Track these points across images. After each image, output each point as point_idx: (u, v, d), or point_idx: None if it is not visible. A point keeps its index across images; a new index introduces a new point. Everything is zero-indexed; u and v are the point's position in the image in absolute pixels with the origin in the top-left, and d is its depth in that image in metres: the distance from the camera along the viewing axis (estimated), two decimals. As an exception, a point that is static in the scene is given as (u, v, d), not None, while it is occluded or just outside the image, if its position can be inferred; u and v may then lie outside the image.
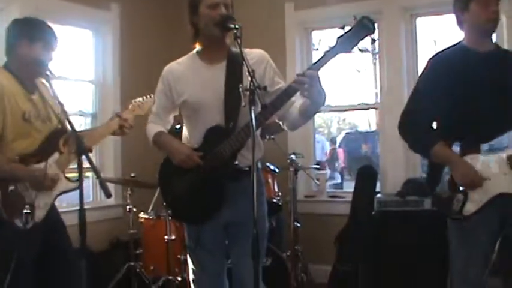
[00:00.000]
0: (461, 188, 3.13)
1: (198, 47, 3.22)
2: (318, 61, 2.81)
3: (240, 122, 3.02)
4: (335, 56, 2.78)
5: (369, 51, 6.61)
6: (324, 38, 6.80)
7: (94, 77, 6.12)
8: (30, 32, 3.32)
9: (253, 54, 3.08)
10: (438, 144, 3.17)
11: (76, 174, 3.42)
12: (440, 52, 3.43)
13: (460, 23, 3.39)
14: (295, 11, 6.35)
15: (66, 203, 5.04)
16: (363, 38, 2.75)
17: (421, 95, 3.33)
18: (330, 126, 24.59)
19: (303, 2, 6.31)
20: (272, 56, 3.29)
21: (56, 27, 3.40)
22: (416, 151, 3.63)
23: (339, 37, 2.75)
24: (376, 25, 2.67)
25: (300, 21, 6.40)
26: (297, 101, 2.99)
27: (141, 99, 3.80)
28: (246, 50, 2.80)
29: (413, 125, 3.31)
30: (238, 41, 2.76)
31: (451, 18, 3.47)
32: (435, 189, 3.32)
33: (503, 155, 3.13)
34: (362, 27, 2.73)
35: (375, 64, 6.33)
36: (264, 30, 6.17)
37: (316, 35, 6.62)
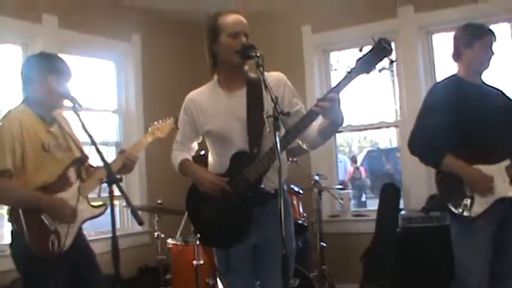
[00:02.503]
0: (468, 193, 3.54)
1: (216, 76, 3.28)
2: (338, 84, 2.85)
3: (264, 146, 3.07)
4: (355, 78, 2.83)
5: (387, 69, 6.66)
6: (342, 59, 6.87)
7: (117, 107, 6.25)
8: (43, 66, 3.41)
9: (272, 78, 3.10)
10: (448, 156, 3.59)
11: (100, 202, 3.53)
12: (441, 81, 3.89)
13: (458, 56, 3.80)
14: (312, 33, 6.45)
15: (94, 231, 5.14)
16: (382, 59, 2.79)
17: (426, 116, 3.73)
18: (351, 145, 24.51)
19: (320, 24, 6.41)
20: (291, 78, 3.34)
21: (78, 60, 3.48)
22: (427, 163, 3.96)
23: (358, 59, 2.81)
24: (393, 45, 2.75)
25: (317, 44, 6.50)
26: (315, 120, 3.02)
27: (161, 121, 3.87)
28: (265, 74, 2.84)
29: (422, 141, 3.69)
30: (261, 69, 2.82)
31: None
32: (443, 195, 3.73)
33: (502, 165, 3.58)
34: (380, 49, 2.77)
35: (393, 82, 6.35)
36: (282, 53, 6.24)
37: (334, 55, 6.70)
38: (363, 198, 16.20)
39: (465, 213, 3.54)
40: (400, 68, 6.12)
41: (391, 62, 2.81)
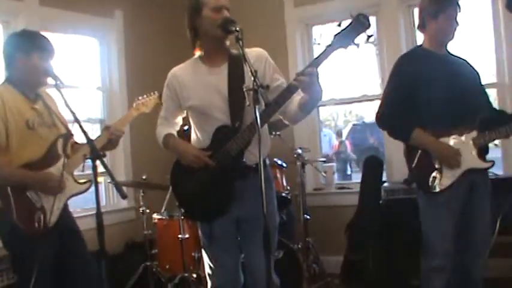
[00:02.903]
0: (437, 166, 3.63)
1: (198, 52, 3.32)
2: (316, 58, 2.92)
3: (246, 120, 3.13)
4: (333, 52, 2.89)
5: (368, 43, 6.69)
6: (325, 33, 6.87)
7: (101, 84, 6.25)
8: (25, 43, 3.42)
9: (253, 54, 3.16)
10: (415, 130, 3.65)
11: (85, 178, 3.57)
12: (405, 54, 3.99)
13: (423, 27, 3.83)
14: (294, 7, 6.43)
15: (80, 208, 5.17)
16: (359, 34, 2.85)
17: (393, 90, 3.78)
18: (336, 119, 24.60)
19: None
20: (273, 53, 3.39)
21: (61, 37, 3.47)
22: (396, 138, 4.01)
23: (335, 34, 2.87)
24: (375, 18, 2.77)
25: (299, 17, 6.48)
26: (296, 95, 3.08)
27: (145, 96, 3.89)
28: (246, 50, 2.89)
29: (390, 116, 3.75)
30: (240, 43, 2.87)
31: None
32: (411, 167, 3.77)
33: (469, 136, 3.65)
34: (358, 24, 2.83)
35: (377, 55, 6.38)
36: (264, 27, 6.27)
37: (317, 29, 6.69)
38: (348, 172, 16.34)
39: (434, 186, 3.62)
40: (382, 42, 6.14)
41: (369, 37, 2.85)
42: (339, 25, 2.87)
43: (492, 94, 5.68)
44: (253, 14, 6.14)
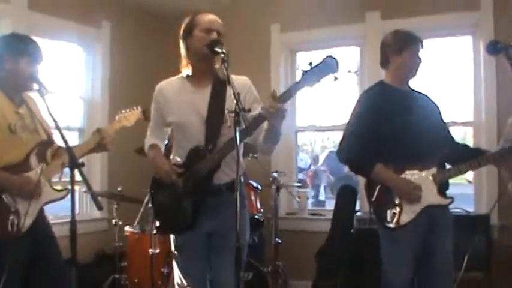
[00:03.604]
0: (397, 202, 3.60)
1: (186, 69, 3.38)
2: (283, 93, 2.98)
3: (220, 143, 3.21)
4: (300, 89, 2.97)
5: (353, 73, 6.81)
6: (310, 59, 6.93)
7: (83, 93, 6.25)
8: (15, 46, 3.40)
9: (238, 81, 3.17)
10: (377, 166, 3.62)
11: (60, 187, 3.56)
12: (369, 89, 3.93)
13: (387, 63, 3.84)
14: (280, 32, 6.52)
15: (52, 215, 5.14)
16: (325, 76, 2.92)
17: (355, 125, 3.74)
18: (314, 145, 24.69)
19: (288, 24, 6.48)
20: (257, 76, 3.48)
21: (47, 43, 3.46)
22: (357, 173, 4.13)
23: (304, 72, 2.95)
24: (359, 49, 2.81)
25: (285, 43, 6.56)
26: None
27: (128, 110, 3.90)
28: (232, 76, 2.93)
29: (351, 151, 3.71)
30: (225, 65, 2.95)
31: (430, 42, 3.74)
32: (371, 201, 3.72)
33: (430, 172, 3.65)
34: (325, 66, 2.91)
35: (359, 85, 6.46)
36: (250, 51, 6.34)
37: (301, 55, 6.78)
38: (322, 198, 16.38)
39: (392, 222, 3.61)
40: (364, 72, 6.24)
41: (335, 78, 2.93)
42: (310, 64, 2.95)
43: (469, 132, 5.78)
44: (240, 37, 6.18)
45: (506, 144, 3.84)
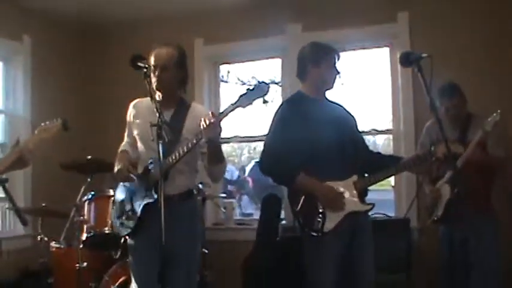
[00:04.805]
0: (320, 210, 3.66)
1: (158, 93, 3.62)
2: (220, 113, 3.30)
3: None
4: (235, 109, 3.25)
5: (276, 84, 6.95)
6: (233, 70, 7.03)
7: (4, 107, 6.16)
8: None
9: (197, 109, 3.70)
10: (300, 175, 3.68)
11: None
12: (288, 99, 4.05)
13: (304, 73, 3.93)
14: (204, 45, 6.60)
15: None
16: (257, 98, 3.23)
17: (275, 136, 3.81)
18: (241, 155, 24.75)
19: (211, 37, 6.57)
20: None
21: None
22: (280, 184, 4.23)
23: (240, 95, 3.23)
24: (280, 61, 2.91)
25: (208, 56, 6.66)
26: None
27: (48, 123, 3.81)
28: (195, 105, 3.68)
29: (273, 163, 3.80)
30: (148, 79, 3.25)
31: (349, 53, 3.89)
32: (296, 211, 3.76)
33: (350, 180, 3.75)
34: (259, 90, 3.22)
35: (282, 96, 6.59)
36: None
37: (224, 67, 6.86)
38: (247, 209, 16.43)
39: (317, 230, 3.66)
40: (286, 84, 6.38)
41: (265, 101, 3.23)
42: (244, 84, 3.23)
43: (387, 140, 5.97)
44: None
45: (421, 151, 4.01)
